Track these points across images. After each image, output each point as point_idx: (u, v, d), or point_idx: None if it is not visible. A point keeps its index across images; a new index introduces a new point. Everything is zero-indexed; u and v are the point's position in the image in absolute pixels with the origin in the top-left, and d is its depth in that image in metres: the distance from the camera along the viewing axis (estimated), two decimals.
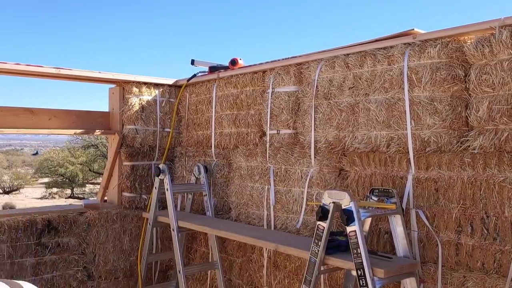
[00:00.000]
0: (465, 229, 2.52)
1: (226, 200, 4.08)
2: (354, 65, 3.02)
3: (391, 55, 2.82)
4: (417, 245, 2.70)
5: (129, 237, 4.33)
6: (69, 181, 20.23)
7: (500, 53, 2.36)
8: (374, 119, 2.88)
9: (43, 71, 3.89)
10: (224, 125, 4.12)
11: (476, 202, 2.48)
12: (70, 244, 3.99)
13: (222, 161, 4.15)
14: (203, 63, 4.43)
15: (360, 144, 2.95)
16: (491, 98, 2.39)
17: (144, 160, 4.47)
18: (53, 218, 3.92)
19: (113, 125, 4.49)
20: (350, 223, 2.36)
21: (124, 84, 4.42)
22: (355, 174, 3.04)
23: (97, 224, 4.14)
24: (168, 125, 4.63)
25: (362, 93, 2.96)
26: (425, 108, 2.64)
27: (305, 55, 3.40)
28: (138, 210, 4.38)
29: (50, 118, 4.16)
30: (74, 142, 20.81)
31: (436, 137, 2.60)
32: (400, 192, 2.75)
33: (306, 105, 3.34)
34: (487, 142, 2.40)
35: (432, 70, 2.62)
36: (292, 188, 3.41)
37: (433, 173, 2.65)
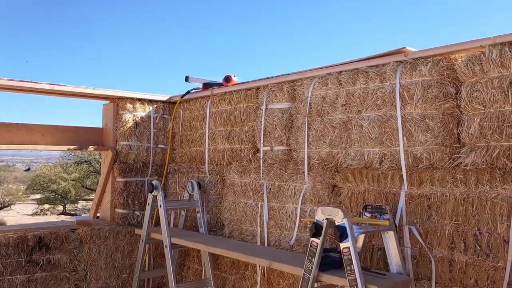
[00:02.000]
0: (458, 246, 2.52)
1: (219, 216, 4.07)
2: (346, 82, 3.05)
3: (383, 73, 2.85)
4: (410, 262, 2.69)
5: (122, 254, 4.29)
6: (61, 197, 20.04)
7: (490, 71, 2.40)
8: (366, 135, 2.90)
9: (37, 87, 3.89)
10: (217, 141, 4.13)
11: (469, 218, 2.49)
12: (62, 261, 3.94)
13: (215, 178, 4.14)
14: (197, 80, 4.46)
15: (353, 160, 2.97)
16: (482, 115, 2.42)
17: (137, 176, 4.46)
18: (45, 234, 3.88)
19: (107, 141, 4.48)
20: (343, 240, 2.36)
21: (118, 101, 4.43)
22: (348, 191, 3.04)
23: (89, 241, 4.10)
24: (161, 141, 4.63)
25: (355, 110, 2.98)
26: (417, 125, 2.66)
27: (298, 73, 3.43)
28: (131, 226, 4.35)
29: (44, 134, 4.15)
30: (67, 158, 20.67)
31: (428, 154, 2.62)
32: (393, 209, 2.76)
33: (299, 121, 3.36)
34: (479, 158, 2.42)
35: (423, 87, 2.65)
36: (285, 204, 3.40)
37: (426, 190, 2.66)
